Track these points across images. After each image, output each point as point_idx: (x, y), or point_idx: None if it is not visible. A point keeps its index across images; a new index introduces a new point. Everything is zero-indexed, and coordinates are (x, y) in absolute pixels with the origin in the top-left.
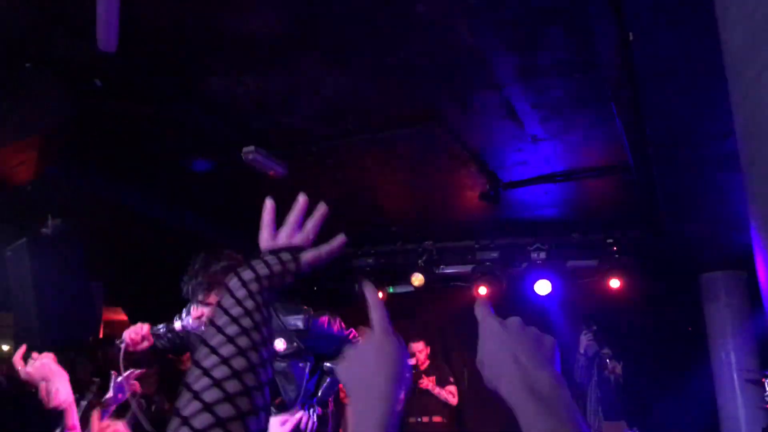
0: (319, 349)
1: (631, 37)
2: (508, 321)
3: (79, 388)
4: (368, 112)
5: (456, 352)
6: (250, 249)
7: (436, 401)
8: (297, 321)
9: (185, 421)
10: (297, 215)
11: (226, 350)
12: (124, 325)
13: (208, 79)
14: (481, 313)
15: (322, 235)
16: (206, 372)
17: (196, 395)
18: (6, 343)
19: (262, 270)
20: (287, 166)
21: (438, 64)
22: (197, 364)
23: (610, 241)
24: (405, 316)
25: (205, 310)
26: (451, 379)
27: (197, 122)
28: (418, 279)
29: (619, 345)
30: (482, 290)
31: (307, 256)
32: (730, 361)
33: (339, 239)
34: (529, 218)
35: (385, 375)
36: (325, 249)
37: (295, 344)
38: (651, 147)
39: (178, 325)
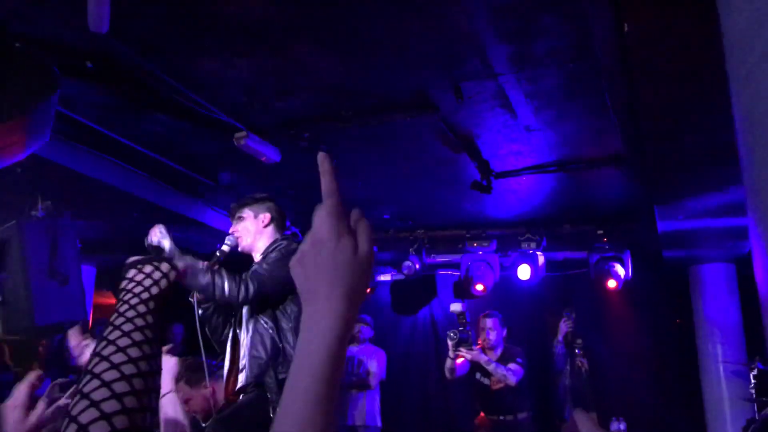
0: None
1: (626, 28)
2: None
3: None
4: (362, 98)
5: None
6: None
7: (516, 396)
8: None
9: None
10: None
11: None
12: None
13: (200, 62)
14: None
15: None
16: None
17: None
18: None
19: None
20: (279, 152)
21: (432, 50)
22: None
23: (601, 232)
24: (395, 303)
25: (237, 227)
26: (519, 360)
27: (188, 105)
28: (409, 267)
29: (607, 335)
30: (479, 287)
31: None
32: (716, 353)
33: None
34: (521, 208)
35: (331, 277)
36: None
37: None
38: (644, 139)
39: (225, 247)
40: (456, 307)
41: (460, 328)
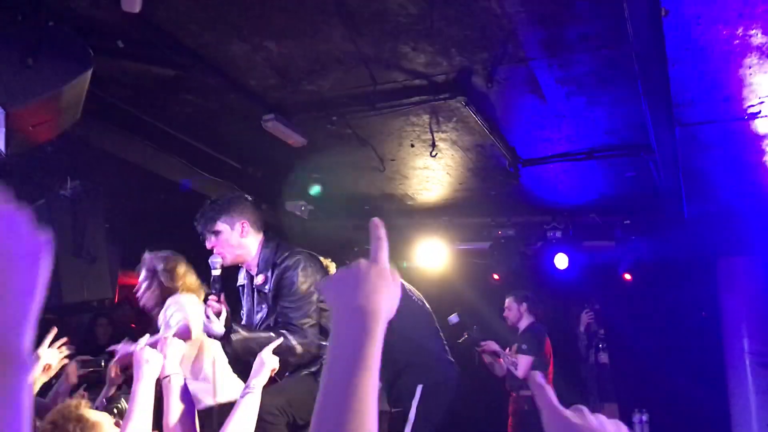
0: None
1: (664, 13)
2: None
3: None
4: (391, 83)
5: (469, 330)
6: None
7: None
8: None
9: None
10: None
11: None
12: None
13: (230, 44)
14: (543, 401)
15: (339, 209)
16: None
17: None
18: None
19: None
20: (307, 135)
21: (463, 34)
22: None
23: (628, 222)
24: (419, 291)
25: (215, 243)
26: (524, 347)
27: (217, 87)
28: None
29: (631, 327)
30: (496, 277)
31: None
32: (742, 347)
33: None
34: (547, 196)
35: (370, 297)
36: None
37: None
38: (677, 127)
39: (216, 272)
40: (453, 318)
41: (465, 335)
